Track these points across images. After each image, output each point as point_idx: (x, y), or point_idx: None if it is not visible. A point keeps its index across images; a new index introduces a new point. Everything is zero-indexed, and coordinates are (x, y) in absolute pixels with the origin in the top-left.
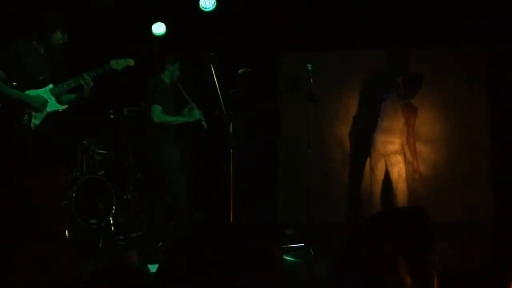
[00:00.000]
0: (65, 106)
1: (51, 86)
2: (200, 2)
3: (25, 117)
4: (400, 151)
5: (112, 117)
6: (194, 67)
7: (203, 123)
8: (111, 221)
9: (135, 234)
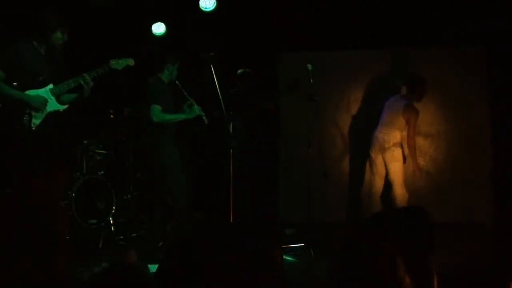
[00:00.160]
0: (66, 106)
1: (51, 86)
2: (200, 2)
3: (25, 117)
4: (399, 145)
5: (112, 117)
6: (194, 67)
7: (204, 118)
8: (111, 221)
9: (135, 234)
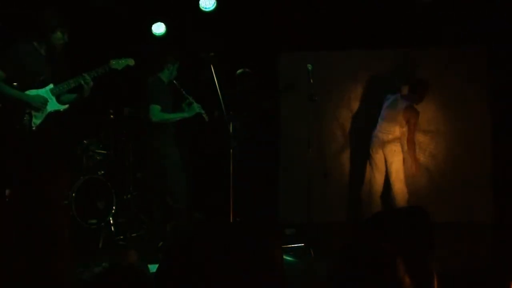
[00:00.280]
0: (66, 106)
1: (52, 86)
2: (200, 2)
3: (26, 117)
4: (400, 149)
5: (112, 117)
6: (194, 67)
7: (204, 116)
8: (111, 221)
9: (135, 234)
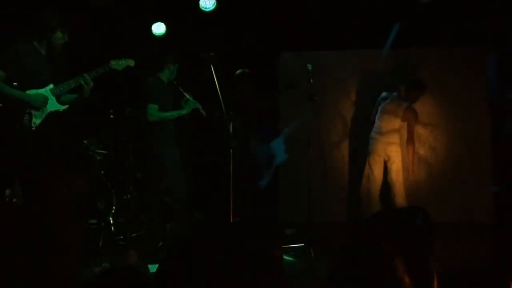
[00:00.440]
0: (66, 106)
1: (52, 86)
2: (200, 2)
3: (26, 117)
4: (400, 150)
5: (112, 117)
6: (194, 67)
7: (202, 111)
8: (111, 221)
9: (135, 234)
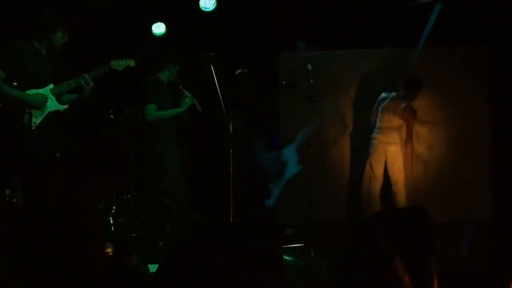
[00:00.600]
0: (66, 106)
1: (52, 86)
2: (200, 2)
3: (26, 117)
4: (400, 150)
5: (112, 117)
6: (194, 67)
7: (198, 107)
8: (111, 221)
9: (135, 234)
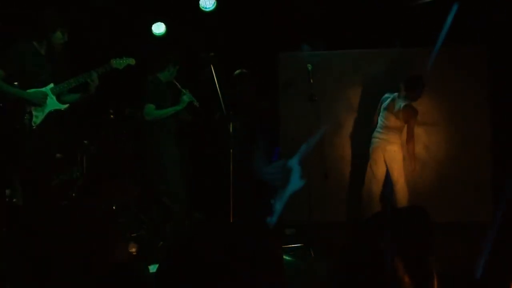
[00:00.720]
0: (66, 106)
1: (52, 86)
2: (200, 2)
3: (26, 116)
4: (400, 149)
5: (112, 117)
6: (194, 67)
7: (195, 103)
8: None
9: (135, 234)
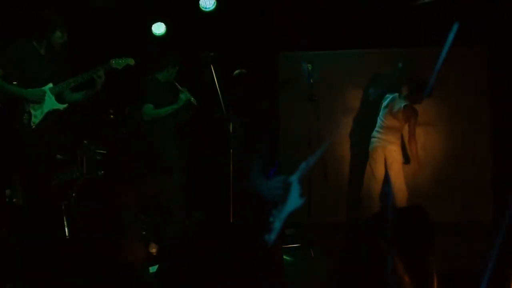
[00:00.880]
0: (65, 105)
1: (51, 85)
2: (200, 2)
3: (25, 116)
4: (399, 149)
5: (112, 117)
6: (194, 67)
7: (193, 101)
8: None
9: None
